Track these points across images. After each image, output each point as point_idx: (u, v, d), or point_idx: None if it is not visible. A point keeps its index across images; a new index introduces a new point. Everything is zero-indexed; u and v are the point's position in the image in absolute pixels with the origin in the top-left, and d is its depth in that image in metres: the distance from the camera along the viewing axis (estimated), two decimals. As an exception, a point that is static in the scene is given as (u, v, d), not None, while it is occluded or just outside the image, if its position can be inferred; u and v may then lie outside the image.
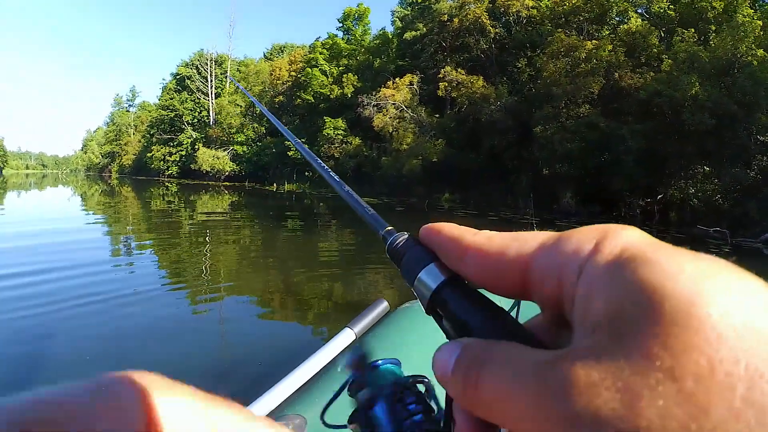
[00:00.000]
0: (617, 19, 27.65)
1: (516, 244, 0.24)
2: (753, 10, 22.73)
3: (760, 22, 20.49)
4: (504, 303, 0.28)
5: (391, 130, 29.87)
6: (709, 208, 20.09)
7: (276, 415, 1.22)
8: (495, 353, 0.21)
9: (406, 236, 0.32)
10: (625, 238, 0.21)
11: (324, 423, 0.62)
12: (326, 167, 0.53)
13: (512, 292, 0.24)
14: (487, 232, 0.26)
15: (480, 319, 0.24)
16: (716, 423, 0.15)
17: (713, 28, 23.26)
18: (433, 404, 0.54)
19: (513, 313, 0.28)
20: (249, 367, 3.82)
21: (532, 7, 30.39)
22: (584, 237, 0.22)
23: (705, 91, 19.83)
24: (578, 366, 0.18)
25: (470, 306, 0.25)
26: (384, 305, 1.44)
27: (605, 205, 23.08)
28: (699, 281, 0.17)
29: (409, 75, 31.74)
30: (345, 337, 1.31)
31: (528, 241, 0.24)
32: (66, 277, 6.31)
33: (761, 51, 19.50)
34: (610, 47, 23.63)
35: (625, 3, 25.86)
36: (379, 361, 0.59)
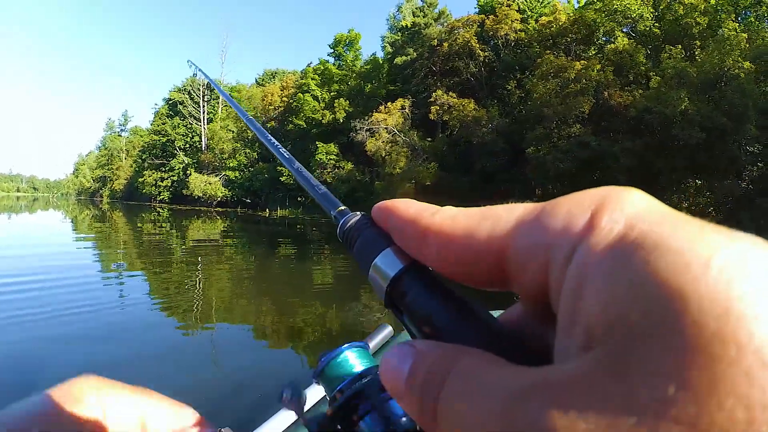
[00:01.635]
0: (604, 39, 28.05)
1: (487, 223, 0.19)
2: (737, 24, 23.08)
3: (745, 35, 20.82)
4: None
5: (383, 154, 29.92)
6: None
7: None
8: (460, 367, 0.17)
9: (359, 216, 0.28)
10: (630, 208, 0.15)
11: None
12: (277, 143, 0.51)
13: (486, 283, 0.19)
14: (450, 208, 0.21)
15: (447, 315, 0.20)
16: None
17: (698, 43, 23.66)
18: None
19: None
20: (246, 396, 3.72)
21: (519, 30, 30.83)
22: (576, 207, 0.16)
23: (694, 105, 20.09)
24: (557, 404, 0.13)
25: (435, 299, 0.21)
26: (388, 330, 1.39)
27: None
28: (737, 279, 0.12)
29: (400, 99, 31.95)
30: None
31: (502, 217, 0.19)
32: (55, 303, 6.17)
33: (748, 63, 19.78)
34: (598, 66, 23.94)
35: (611, 23, 26.23)
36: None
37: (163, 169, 55.48)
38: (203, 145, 51.68)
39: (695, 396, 0.11)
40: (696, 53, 23.07)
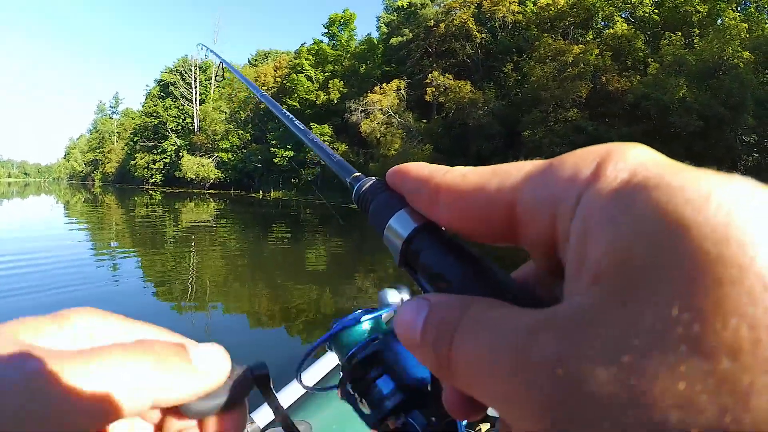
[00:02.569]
0: (603, 23, 27.80)
1: (497, 179, 0.19)
2: (738, 13, 22.91)
3: (746, 25, 20.70)
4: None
5: (378, 136, 29.65)
6: None
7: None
8: (471, 313, 0.17)
9: (373, 180, 0.29)
10: (634, 159, 0.16)
11: (303, 385, 0.59)
12: (291, 116, 0.52)
13: (496, 237, 0.20)
14: (461, 168, 0.22)
15: (459, 270, 0.21)
16: (759, 419, 0.11)
17: (697, 31, 23.53)
18: None
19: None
20: None
21: (517, 13, 30.45)
22: (581, 160, 0.17)
23: (692, 93, 20.01)
24: (567, 335, 0.13)
25: (447, 255, 0.21)
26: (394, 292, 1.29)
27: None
28: (736, 210, 0.12)
29: (396, 80, 31.60)
30: None
31: (511, 173, 0.19)
32: (48, 285, 6.10)
33: (747, 53, 19.68)
34: (596, 51, 23.73)
35: (610, 8, 25.97)
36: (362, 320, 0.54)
37: (155, 152, 54.89)
38: (195, 127, 51.07)
39: (699, 315, 0.11)
40: (695, 41, 22.95)
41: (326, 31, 40.85)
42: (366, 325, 0.49)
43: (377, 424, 0.45)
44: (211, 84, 55.60)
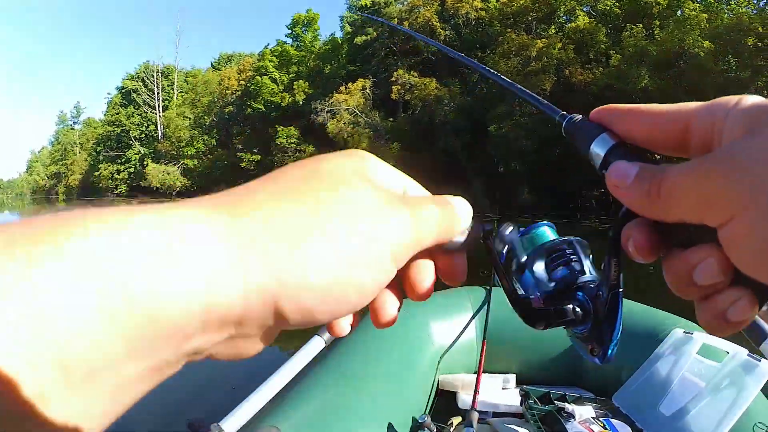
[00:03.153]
0: (565, 18, 27.90)
1: (680, 107, 0.29)
2: (698, 4, 23.19)
3: (705, 15, 20.95)
4: None
5: (345, 136, 29.24)
6: None
7: (250, 428, 1.16)
8: (671, 167, 0.26)
9: (580, 117, 0.37)
10: (753, 98, 0.25)
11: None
12: (492, 71, 0.55)
13: (673, 147, 0.29)
14: (652, 104, 0.31)
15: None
16: None
17: (658, 23, 23.69)
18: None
19: None
20: (218, 388, 3.65)
21: (480, 9, 30.43)
22: (728, 99, 0.26)
23: (654, 82, 20.15)
24: (740, 156, 0.22)
25: (638, 157, 0.30)
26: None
27: (562, 199, 23.24)
28: None
29: (361, 80, 31.27)
30: (315, 345, 1.27)
31: (687, 105, 0.28)
32: None
33: (707, 42, 19.86)
34: (559, 45, 23.77)
35: (572, 2, 26.09)
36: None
37: (119, 161, 53.38)
38: (159, 134, 49.85)
39: None
40: (655, 32, 23.13)
41: (290, 32, 40.25)
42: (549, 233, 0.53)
43: (545, 299, 0.47)
44: (174, 90, 54.46)
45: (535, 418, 1.73)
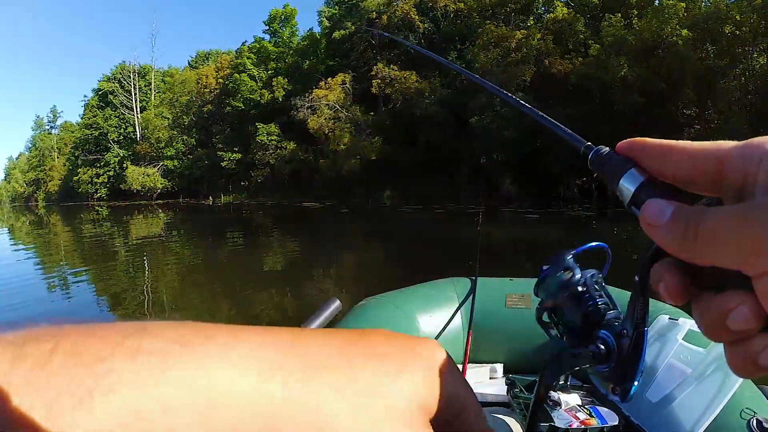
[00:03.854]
0: (543, 8, 28.03)
1: (712, 147, 0.28)
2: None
3: (683, 4, 21.19)
4: None
5: (327, 131, 29.15)
6: None
7: None
8: (708, 208, 0.26)
9: (607, 149, 0.36)
10: None
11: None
12: (514, 97, 0.55)
13: (706, 186, 0.29)
14: (683, 141, 0.31)
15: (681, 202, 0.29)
16: None
17: (635, 12, 23.92)
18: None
19: None
20: None
21: (458, 1, 30.47)
22: (764, 140, 0.26)
23: (633, 71, 20.35)
24: None
25: (671, 194, 0.29)
26: (337, 303, 1.32)
27: (544, 188, 23.43)
28: None
29: (341, 74, 31.16)
30: None
31: (722, 144, 0.28)
32: None
33: (685, 31, 20.12)
34: (538, 35, 23.87)
35: (550, -8, 26.24)
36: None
37: (98, 165, 52.68)
38: (138, 136, 49.25)
39: None
40: (633, 22, 23.32)
41: (267, 28, 39.95)
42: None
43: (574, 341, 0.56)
44: (151, 90, 53.73)
45: (521, 407, 1.71)
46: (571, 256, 0.68)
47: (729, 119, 18.68)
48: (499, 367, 2.14)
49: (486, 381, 2.08)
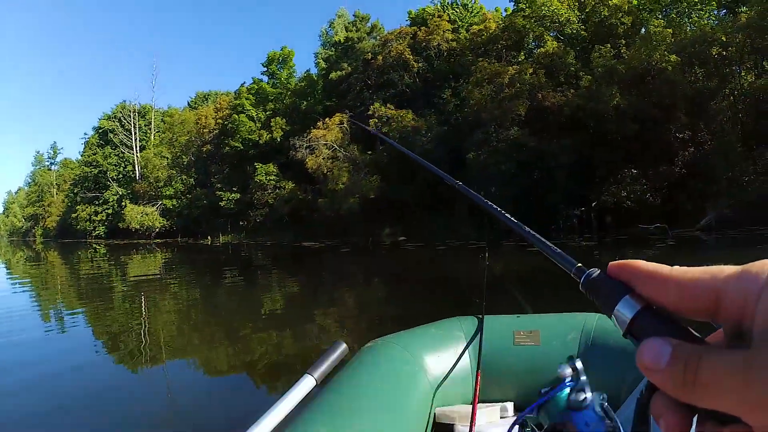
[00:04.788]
0: (534, 43, 28.61)
1: (708, 276, 0.28)
2: (661, 20, 24.02)
3: (670, 31, 21.69)
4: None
5: (325, 171, 29.33)
6: (643, 207, 20.84)
7: None
8: (707, 350, 0.26)
9: (598, 272, 0.36)
10: None
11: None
12: (502, 211, 0.59)
13: (702, 315, 0.29)
14: (679, 267, 0.31)
15: (679, 337, 0.29)
16: None
17: (623, 42, 24.49)
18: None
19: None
20: (209, 429, 3.56)
21: (451, 40, 31.18)
22: (761, 269, 0.26)
23: (625, 99, 20.74)
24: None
25: (668, 327, 0.30)
26: (343, 347, 1.34)
27: (543, 220, 23.46)
28: None
29: (338, 114, 31.56)
30: (306, 384, 1.24)
31: (717, 273, 0.28)
32: None
33: (673, 56, 20.53)
34: (531, 70, 24.29)
35: (540, 28, 26.78)
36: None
37: (97, 203, 52.84)
38: (137, 174, 49.57)
39: None
40: (622, 51, 23.84)
41: (265, 69, 40.63)
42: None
43: None
44: (151, 129, 54.30)
45: (535, 445, 1.69)
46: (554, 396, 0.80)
47: (722, 139, 18.90)
48: (510, 406, 2.11)
49: (497, 421, 2.05)
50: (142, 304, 10.01)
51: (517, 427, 1.94)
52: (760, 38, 20.24)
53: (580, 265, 0.39)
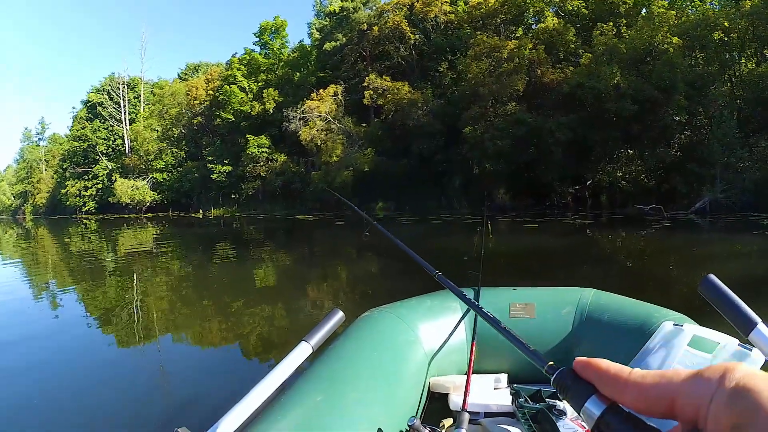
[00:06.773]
0: (534, 18, 28.30)
1: (664, 381, 0.32)
2: (665, 1, 23.84)
3: (673, 12, 21.57)
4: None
5: (319, 143, 29.14)
6: (638, 188, 21.00)
7: None
8: None
9: (566, 369, 0.40)
10: (739, 374, 0.29)
11: None
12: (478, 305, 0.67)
13: (659, 415, 0.32)
14: (637, 371, 0.35)
15: None
16: None
17: (624, 21, 24.28)
18: None
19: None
20: (204, 397, 3.50)
21: (449, 12, 30.72)
22: (712, 375, 0.30)
23: (625, 79, 20.61)
24: None
25: (631, 427, 0.34)
26: (339, 315, 1.35)
27: (537, 197, 23.55)
28: None
29: (333, 86, 31.22)
30: (302, 351, 1.27)
31: (673, 378, 0.32)
32: None
33: (676, 39, 20.45)
34: (530, 45, 24.08)
35: (540, 3, 26.49)
36: None
37: (87, 177, 52.15)
38: (127, 148, 48.92)
39: None
40: (623, 31, 23.66)
41: (258, 40, 39.80)
42: None
43: None
44: (140, 102, 53.52)
45: (526, 417, 1.69)
46: None
47: (720, 125, 18.96)
48: (504, 377, 2.11)
49: (490, 391, 2.05)
50: (134, 279, 9.94)
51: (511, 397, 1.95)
52: (763, 26, 20.21)
53: (551, 363, 0.42)
